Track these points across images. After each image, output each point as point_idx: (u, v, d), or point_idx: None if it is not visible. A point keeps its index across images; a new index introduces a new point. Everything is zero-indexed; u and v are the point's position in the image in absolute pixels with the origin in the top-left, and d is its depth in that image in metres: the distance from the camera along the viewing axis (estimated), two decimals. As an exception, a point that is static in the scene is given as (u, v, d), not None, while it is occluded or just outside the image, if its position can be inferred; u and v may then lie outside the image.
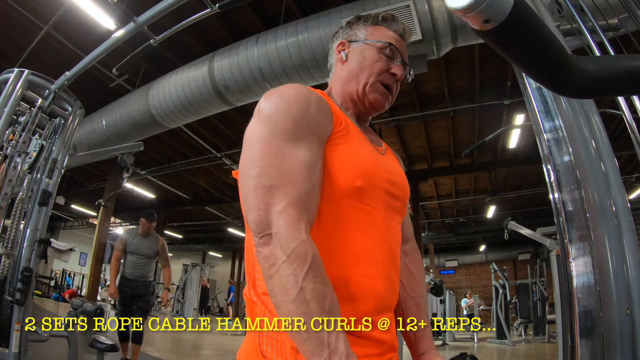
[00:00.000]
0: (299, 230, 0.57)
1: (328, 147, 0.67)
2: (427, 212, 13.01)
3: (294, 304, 0.53)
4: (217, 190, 10.81)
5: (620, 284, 0.88)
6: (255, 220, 0.58)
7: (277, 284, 0.55)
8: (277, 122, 0.63)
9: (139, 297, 3.70)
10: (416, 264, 0.87)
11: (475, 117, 6.77)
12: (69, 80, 2.48)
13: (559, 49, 0.46)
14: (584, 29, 1.14)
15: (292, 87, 0.67)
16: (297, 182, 0.60)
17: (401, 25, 0.84)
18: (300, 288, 0.53)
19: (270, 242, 0.56)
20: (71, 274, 14.18)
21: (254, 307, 0.67)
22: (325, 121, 0.68)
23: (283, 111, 0.64)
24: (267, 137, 0.62)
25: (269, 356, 0.61)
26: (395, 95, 0.83)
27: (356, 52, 0.81)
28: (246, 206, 0.61)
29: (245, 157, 0.64)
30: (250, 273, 0.70)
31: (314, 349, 0.52)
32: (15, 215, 2.23)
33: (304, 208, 0.59)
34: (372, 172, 0.70)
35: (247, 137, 0.66)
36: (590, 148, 0.99)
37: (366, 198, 0.68)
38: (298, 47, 3.80)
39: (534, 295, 8.66)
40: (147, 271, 3.83)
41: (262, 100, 0.67)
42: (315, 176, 0.63)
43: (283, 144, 0.62)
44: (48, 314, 8.18)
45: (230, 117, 6.38)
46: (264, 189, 0.59)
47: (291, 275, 0.54)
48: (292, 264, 0.54)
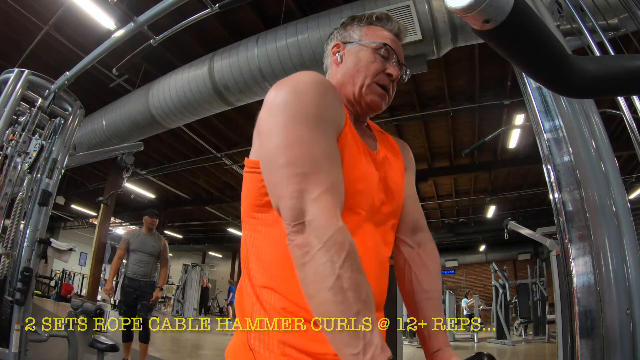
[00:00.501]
0: (336, 216, 0.56)
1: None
2: (427, 212, 13.00)
3: (330, 292, 0.52)
4: (217, 190, 10.81)
5: (620, 284, 0.88)
6: (289, 208, 0.57)
7: (312, 272, 0.53)
8: (300, 108, 0.61)
9: (142, 297, 3.70)
10: (430, 254, 0.84)
11: (475, 117, 6.77)
12: (69, 80, 2.48)
13: (559, 49, 0.46)
14: (584, 29, 1.14)
15: (307, 74, 0.66)
16: (329, 169, 0.59)
17: (396, 25, 0.83)
18: (338, 276, 0.52)
19: (305, 230, 0.55)
20: (71, 274, 14.18)
21: (244, 298, 0.67)
22: (340, 112, 0.68)
23: (304, 95, 0.63)
24: (292, 123, 0.61)
25: (256, 350, 0.61)
26: (392, 95, 0.82)
27: (351, 53, 0.80)
28: (277, 195, 0.60)
29: (270, 146, 0.62)
30: (245, 263, 0.70)
31: (349, 340, 0.51)
32: (15, 215, 2.23)
33: (337, 196, 0.58)
34: (365, 178, 0.70)
35: (266, 126, 0.64)
36: (590, 148, 0.99)
37: (358, 202, 0.68)
38: (298, 47, 3.80)
39: (534, 295, 8.66)
40: (150, 270, 3.84)
41: (275, 89, 0.66)
42: (340, 167, 0.62)
43: (308, 130, 0.60)
44: (48, 314, 8.18)
45: (230, 117, 6.38)
46: (297, 177, 0.57)
47: (328, 262, 0.52)
48: (328, 250, 0.53)
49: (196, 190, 11.22)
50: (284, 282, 0.63)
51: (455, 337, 8.92)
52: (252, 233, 0.70)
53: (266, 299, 0.64)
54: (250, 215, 0.70)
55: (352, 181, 0.67)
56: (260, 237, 0.68)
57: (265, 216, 0.67)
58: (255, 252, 0.68)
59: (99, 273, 8.21)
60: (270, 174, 0.62)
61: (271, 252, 0.66)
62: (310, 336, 0.60)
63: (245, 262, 0.70)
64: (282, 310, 0.62)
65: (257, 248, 0.68)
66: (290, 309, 0.62)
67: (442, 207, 12.60)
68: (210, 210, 12.48)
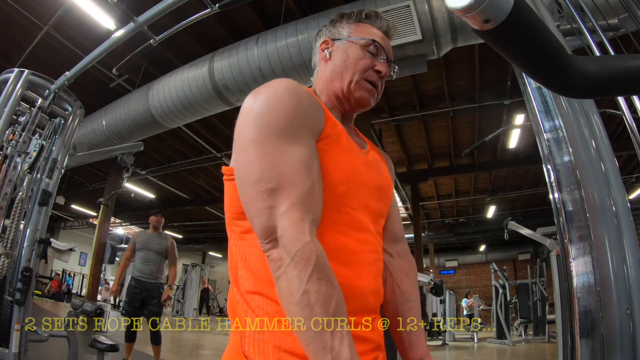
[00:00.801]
0: (302, 231, 0.56)
1: (317, 147, 0.66)
2: (427, 212, 13.01)
3: (298, 306, 0.53)
4: (217, 190, 10.81)
5: (620, 284, 0.88)
6: (260, 227, 0.58)
7: (284, 286, 0.55)
8: (270, 120, 0.61)
9: (149, 299, 3.67)
10: (410, 265, 0.86)
11: (475, 117, 6.77)
12: (69, 80, 2.48)
13: (559, 49, 0.46)
14: (584, 29, 1.14)
15: (281, 82, 0.66)
16: (297, 181, 0.59)
17: (385, 22, 0.82)
18: (305, 291, 0.53)
19: (277, 244, 0.56)
20: (71, 274, 14.19)
21: (236, 305, 0.67)
22: (318, 116, 0.67)
23: (275, 108, 0.62)
24: (261, 137, 0.60)
25: (251, 356, 0.61)
26: (381, 92, 0.82)
27: (340, 49, 0.80)
28: (249, 213, 0.60)
29: (241, 161, 0.62)
30: (233, 271, 0.69)
31: (318, 352, 0.52)
32: (15, 215, 2.22)
33: (307, 207, 0.58)
34: (356, 176, 0.70)
35: (239, 138, 0.63)
36: (590, 148, 0.99)
37: (349, 201, 0.68)
38: (298, 47, 3.80)
39: (534, 295, 8.65)
40: (157, 269, 3.80)
41: (251, 97, 0.65)
42: (314, 172, 0.61)
43: (278, 143, 0.60)
44: (48, 314, 8.18)
45: (230, 117, 6.38)
46: (264, 194, 0.58)
47: (296, 277, 0.53)
48: (296, 265, 0.54)
49: (196, 190, 11.22)
50: (272, 287, 0.63)
51: (455, 337, 8.92)
52: (237, 241, 0.69)
53: (257, 304, 0.63)
54: (234, 223, 0.69)
55: (342, 177, 0.66)
56: (246, 244, 0.67)
57: (248, 224, 0.66)
58: (242, 260, 0.67)
59: (99, 273, 8.21)
60: (241, 190, 0.62)
61: (258, 258, 0.65)
62: None
63: (234, 271, 0.69)
64: (276, 313, 0.61)
65: (243, 255, 0.67)
66: (283, 312, 0.61)
67: (442, 207, 12.60)
68: (210, 210, 12.49)
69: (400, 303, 0.81)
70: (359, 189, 0.70)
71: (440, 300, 9.12)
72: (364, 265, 0.68)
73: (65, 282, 13.35)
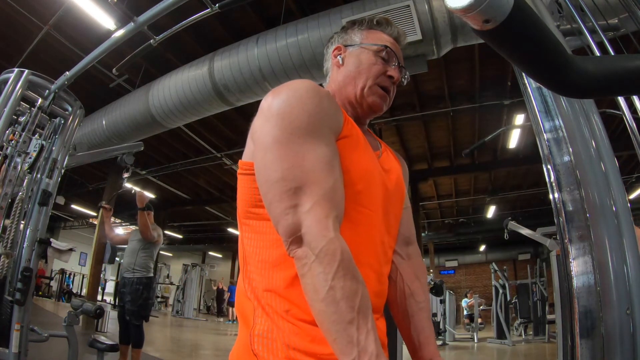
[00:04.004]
0: (327, 228, 0.56)
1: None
2: (427, 212, 13.01)
3: (323, 302, 0.53)
4: (217, 190, 10.81)
5: (620, 284, 0.88)
6: (284, 225, 0.58)
7: (309, 283, 0.55)
8: (293, 119, 0.62)
9: (131, 299, 3.48)
10: (420, 268, 0.87)
11: (475, 117, 6.77)
12: (69, 80, 2.48)
13: (559, 49, 0.46)
14: (584, 29, 1.14)
15: (301, 82, 0.66)
16: (320, 179, 0.59)
17: (395, 29, 0.84)
18: (330, 287, 0.53)
19: (302, 242, 0.56)
20: (71, 274, 14.19)
21: (246, 302, 0.67)
22: (337, 115, 0.68)
23: (297, 107, 0.63)
24: (284, 136, 0.61)
25: (260, 355, 0.61)
26: (393, 97, 0.83)
27: (352, 55, 0.81)
28: (272, 212, 0.60)
29: (264, 160, 0.62)
30: (244, 266, 0.69)
31: (344, 348, 0.52)
32: (15, 215, 2.22)
33: (330, 205, 0.59)
34: (371, 176, 0.70)
35: (261, 137, 0.64)
36: (590, 148, 0.99)
37: (363, 200, 0.68)
38: (298, 47, 3.80)
39: (534, 295, 8.66)
40: (134, 261, 3.61)
41: (271, 96, 0.66)
42: (337, 170, 0.62)
43: (301, 142, 0.61)
44: (48, 314, 8.18)
45: (230, 117, 6.38)
46: (289, 192, 0.58)
47: (321, 274, 0.54)
48: (321, 262, 0.54)
49: (196, 190, 11.22)
50: (285, 284, 0.63)
51: (455, 337, 8.92)
52: (250, 235, 0.69)
53: (268, 302, 0.63)
54: (247, 216, 0.69)
55: (358, 177, 0.67)
56: (259, 238, 0.67)
57: (262, 219, 0.67)
58: (254, 255, 0.67)
59: (99, 273, 8.20)
60: (263, 189, 0.62)
61: (271, 254, 0.65)
62: (315, 338, 0.59)
63: (244, 266, 0.69)
64: (285, 313, 0.61)
65: (255, 249, 0.67)
66: (293, 311, 0.61)
67: (442, 207, 12.60)
68: (210, 210, 12.49)
69: (410, 304, 0.81)
70: (373, 189, 0.71)
71: (440, 300, 9.11)
72: (369, 265, 0.68)
73: (65, 281, 13.36)
